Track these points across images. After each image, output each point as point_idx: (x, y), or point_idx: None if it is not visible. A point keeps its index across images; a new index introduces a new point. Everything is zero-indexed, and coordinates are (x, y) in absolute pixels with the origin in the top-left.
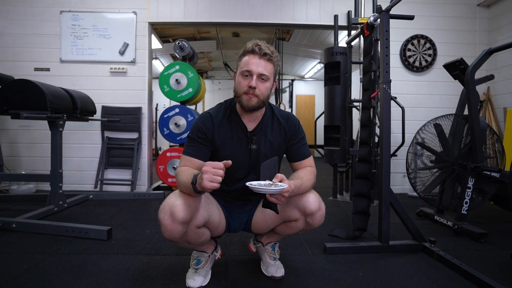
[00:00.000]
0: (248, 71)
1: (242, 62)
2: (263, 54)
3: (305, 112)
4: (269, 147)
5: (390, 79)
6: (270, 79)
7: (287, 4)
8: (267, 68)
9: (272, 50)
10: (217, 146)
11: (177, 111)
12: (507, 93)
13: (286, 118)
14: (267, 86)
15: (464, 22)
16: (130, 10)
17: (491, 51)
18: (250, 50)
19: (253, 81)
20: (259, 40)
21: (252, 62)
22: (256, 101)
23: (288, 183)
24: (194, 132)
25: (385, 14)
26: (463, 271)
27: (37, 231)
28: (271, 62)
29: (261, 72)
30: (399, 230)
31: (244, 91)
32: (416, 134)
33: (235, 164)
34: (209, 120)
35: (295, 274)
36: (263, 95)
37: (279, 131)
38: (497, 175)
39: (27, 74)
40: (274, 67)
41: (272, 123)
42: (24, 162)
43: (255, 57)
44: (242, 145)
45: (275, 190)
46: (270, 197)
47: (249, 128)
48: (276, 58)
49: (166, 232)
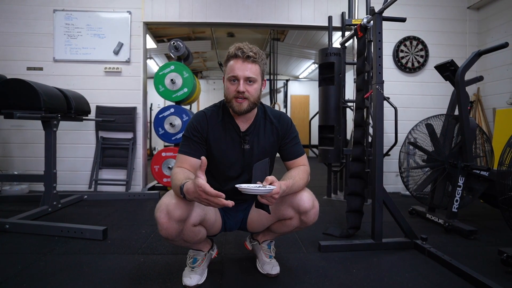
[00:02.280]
0: (234, 77)
1: (227, 68)
2: (246, 57)
3: (300, 112)
4: (262, 146)
5: (383, 80)
6: (257, 80)
7: (282, 4)
8: (252, 70)
9: (256, 51)
10: (211, 146)
11: (172, 111)
12: (496, 94)
13: (278, 118)
14: (255, 88)
15: (455, 24)
16: (125, 10)
17: (481, 53)
18: (233, 55)
19: (241, 86)
20: (241, 43)
21: (237, 66)
22: (247, 104)
23: (279, 185)
24: (190, 131)
25: (378, 16)
26: (453, 267)
27: (31, 231)
28: (256, 63)
29: (247, 76)
30: (391, 228)
31: (234, 96)
32: (409, 134)
33: (229, 163)
34: (204, 119)
35: (290, 271)
36: (253, 96)
37: (271, 131)
38: (486, 174)
39: (20, 74)
40: (260, 67)
41: (265, 123)
42: (16, 162)
43: (238, 61)
44: (235, 145)
45: (263, 192)
46: (261, 199)
47: (242, 128)
48: (260, 58)
49: (163, 231)
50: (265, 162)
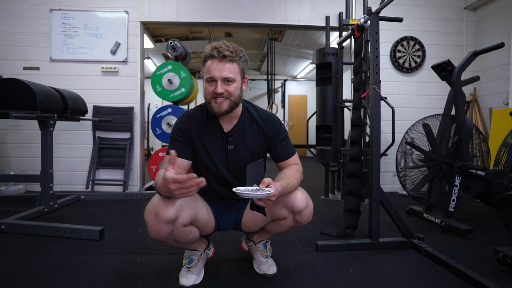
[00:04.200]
0: (211, 78)
1: (205, 69)
2: (222, 57)
3: (298, 112)
4: (247, 148)
5: (380, 80)
6: (236, 79)
7: (279, 4)
8: (230, 69)
9: (233, 49)
10: (195, 146)
11: (169, 111)
12: (493, 93)
13: (265, 120)
14: (235, 86)
15: (451, 25)
16: (122, 9)
17: (477, 53)
18: (209, 55)
19: (218, 87)
20: (218, 42)
21: (213, 67)
22: (228, 104)
23: (275, 186)
24: (175, 132)
25: (375, 16)
26: (450, 266)
27: (28, 232)
28: (234, 62)
29: (224, 76)
30: (389, 228)
31: (212, 97)
32: (406, 134)
33: (213, 164)
34: (188, 120)
35: (287, 271)
36: (234, 95)
37: (258, 132)
38: (482, 173)
39: (16, 73)
40: (239, 66)
41: (251, 124)
42: (13, 162)
43: (215, 61)
44: (219, 146)
45: (262, 195)
46: (258, 201)
47: (225, 129)
48: (238, 56)
49: (152, 232)
50: (258, 163)
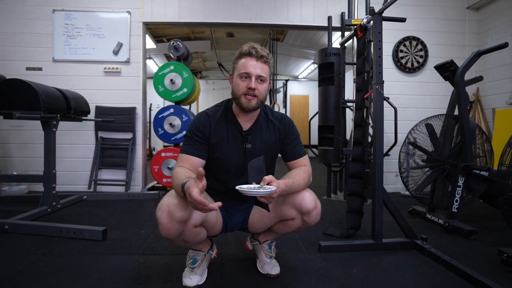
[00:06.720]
0: (246, 73)
1: (239, 65)
2: (260, 57)
3: (299, 112)
4: (263, 146)
5: (383, 80)
6: (267, 80)
7: (281, 5)
8: (264, 69)
9: (267, 53)
10: (213, 145)
11: (171, 111)
12: (496, 94)
13: (279, 119)
14: (264, 87)
15: (454, 24)
16: (124, 10)
17: (480, 53)
18: (247, 53)
19: (253, 83)
20: (254, 42)
21: (250, 64)
22: (256, 102)
23: (277, 184)
24: (192, 131)
25: (377, 16)
26: (454, 267)
27: (31, 232)
28: (267, 64)
29: (259, 74)
30: (392, 228)
31: (244, 93)
32: (408, 134)
33: (231, 163)
34: (206, 119)
35: (290, 272)
36: (262, 95)
37: (273, 131)
38: (486, 174)
39: (19, 74)
40: (270, 69)
41: (267, 124)
42: (15, 162)
43: (252, 59)
44: (237, 144)
45: (263, 193)
46: (260, 198)
47: (244, 127)
48: (271, 60)
49: (164, 231)
50: (260, 159)
